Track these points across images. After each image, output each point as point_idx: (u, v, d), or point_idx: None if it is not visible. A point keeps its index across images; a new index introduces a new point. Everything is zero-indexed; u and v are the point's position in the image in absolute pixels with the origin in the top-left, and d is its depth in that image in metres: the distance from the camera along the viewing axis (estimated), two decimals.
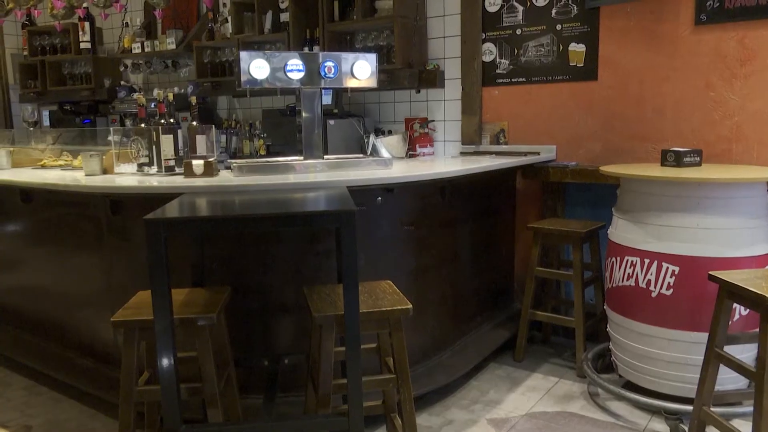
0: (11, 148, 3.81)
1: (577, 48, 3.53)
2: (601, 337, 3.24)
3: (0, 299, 3.63)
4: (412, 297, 2.20)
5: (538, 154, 3.64)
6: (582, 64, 3.53)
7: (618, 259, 2.77)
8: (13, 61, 6.63)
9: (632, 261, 2.68)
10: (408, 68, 3.88)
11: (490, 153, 3.81)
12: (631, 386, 2.80)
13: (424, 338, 2.99)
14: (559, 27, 3.58)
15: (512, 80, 3.79)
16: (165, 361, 1.83)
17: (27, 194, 3.11)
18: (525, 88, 3.76)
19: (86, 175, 2.90)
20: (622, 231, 2.77)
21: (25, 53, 6.21)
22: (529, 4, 3.66)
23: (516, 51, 3.75)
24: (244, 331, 2.58)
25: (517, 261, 3.86)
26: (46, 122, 5.98)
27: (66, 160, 3.57)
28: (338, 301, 2.07)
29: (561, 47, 3.59)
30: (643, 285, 2.64)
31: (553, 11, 3.59)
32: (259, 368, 2.54)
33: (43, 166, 3.58)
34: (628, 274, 2.70)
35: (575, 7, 3.51)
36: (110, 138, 3.16)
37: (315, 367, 2.14)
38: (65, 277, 3.13)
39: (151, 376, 2.22)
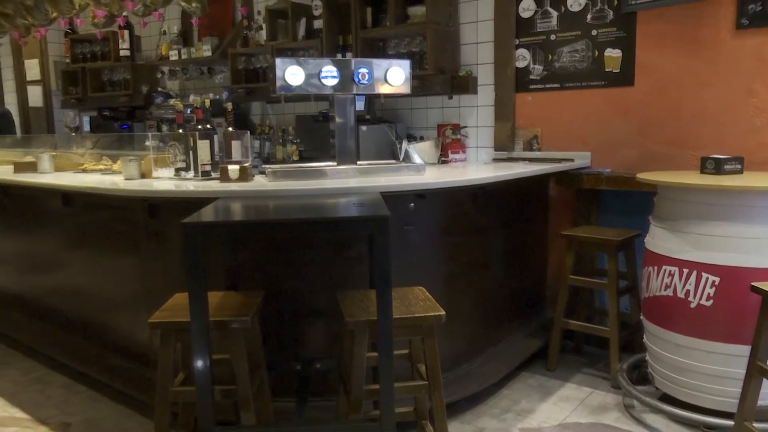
0: (54, 153, 3.92)
1: (613, 53, 3.48)
2: (636, 348, 3.18)
3: (41, 299, 3.73)
4: (444, 303, 2.19)
5: (572, 160, 3.60)
6: (618, 70, 3.48)
7: (655, 268, 2.72)
8: (55, 68, 6.83)
9: (670, 270, 2.63)
10: (440, 74, 3.88)
11: (523, 159, 3.78)
12: (667, 399, 2.74)
13: (455, 345, 2.98)
14: (594, 32, 3.54)
15: (546, 86, 3.76)
16: (200, 363, 1.85)
17: (68, 197, 3.19)
18: (559, 94, 3.72)
19: (125, 179, 2.97)
20: (659, 240, 2.72)
21: (67, 60, 6.40)
22: (563, 9, 3.63)
23: (550, 57, 3.72)
24: (276, 334, 2.60)
25: (550, 269, 3.82)
26: (87, 127, 6.14)
27: (106, 165, 3.66)
28: (371, 306, 2.07)
29: (596, 53, 3.54)
30: (681, 295, 2.58)
31: (589, 16, 3.55)
32: (291, 372, 2.56)
33: (84, 170, 3.67)
34: (666, 283, 2.65)
35: (611, 12, 3.47)
36: (148, 143, 3.23)
37: (347, 372, 2.14)
38: (103, 279, 3.20)
39: (186, 377, 2.26)
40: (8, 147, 5.08)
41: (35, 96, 7.10)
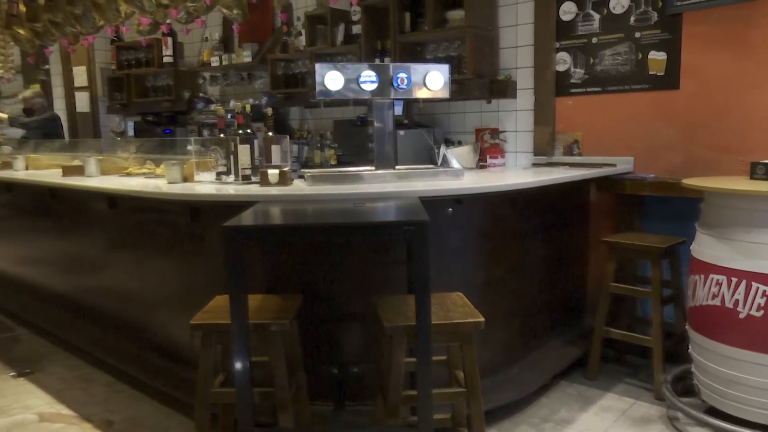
0: (100, 157, 4.03)
1: (658, 56, 3.41)
2: (681, 359, 3.08)
3: (86, 299, 3.84)
4: (482, 309, 2.17)
5: (614, 165, 3.52)
6: (662, 73, 3.39)
7: (702, 277, 2.64)
8: (102, 75, 7.04)
9: (718, 279, 2.54)
10: (479, 78, 3.85)
11: (563, 164, 3.72)
12: (714, 412, 2.65)
13: (493, 352, 2.94)
14: (637, 35, 3.46)
15: (587, 90, 3.70)
16: (240, 365, 1.87)
17: (113, 200, 3.28)
18: (600, 98, 3.65)
19: (168, 182, 3.03)
20: (706, 247, 2.64)
21: (113, 67, 6.58)
22: (605, 11, 3.57)
23: (591, 60, 3.66)
24: (314, 338, 2.61)
25: (590, 276, 3.74)
26: (131, 132, 6.31)
27: (149, 169, 3.74)
28: (409, 311, 2.07)
29: (640, 55, 3.47)
30: (729, 305, 2.50)
31: (632, 19, 3.48)
32: (329, 376, 2.57)
33: (128, 174, 3.76)
34: (713, 293, 2.56)
35: (655, 14, 3.39)
36: (190, 147, 3.29)
37: (384, 377, 2.14)
38: (145, 280, 3.27)
39: (225, 378, 2.28)
40: (57, 151, 5.25)
41: (82, 102, 7.32)
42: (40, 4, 4.39)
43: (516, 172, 3.61)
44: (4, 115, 6.13)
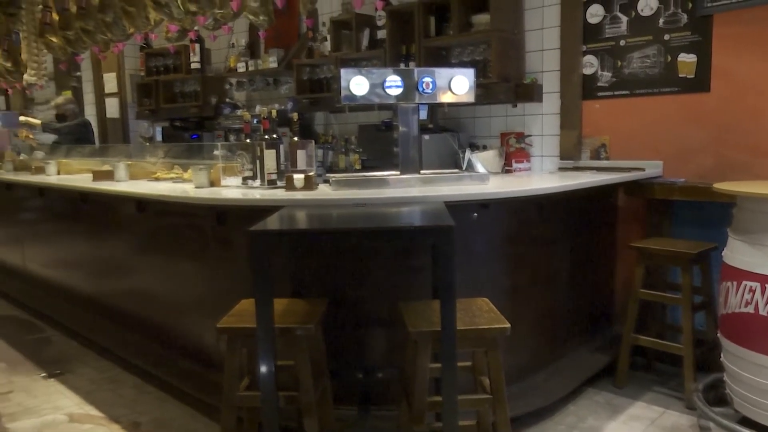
0: (129, 162, 4.10)
1: (687, 58, 3.35)
2: (712, 367, 3.01)
3: (114, 301, 3.90)
4: (508, 315, 2.15)
5: (643, 170, 3.47)
6: (692, 75, 3.33)
7: (734, 283, 2.57)
8: (131, 81, 7.17)
9: (751, 286, 2.48)
10: (504, 82, 3.83)
11: (591, 168, 3.67)
12: (747, 422, 2.58)
13: (519, 358, 2.91)
14: (666, 37, 3.41)
15: (614, 93, 3.65)
16: (265, 369, 1.88)
17: (142, 204, 3.33)
18: (628, 101, 3.60)
19: (195, 187, 3.07)
20: (739, 253, 2.57)
21: (142, 74, 6.70)
22: (633, 14, 3.52)
23: (619, 63, 3.61)
24: (339, 342, 2.61)
25: (618, 282, 3.68)
26: (159, 137, 6.41)
27: (177, 173, 3.79)
28: (434, 317, 2.05)
29: (669, 58, 3.41)
30: (763, 313, 2.44)
31: (661, 21, 3.42)
32: (353, 380, 2.56)
33: (157, 179, 3.82)
34: (747, 300, 2.50)
35: (685, 16, 3.33)
36: (216, 152, 3.33)
37: (409, 382, 2.13)
38: (173, 284, 3.31)
39: (251, 382, 2.30)
40: (87, 156, 5.36)
41: (112, 107, 7.47)
42: (73, 12, 4.49)
43: (542, 177, 3.57)
44: (38, 121, 6.28)
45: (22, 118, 6.19)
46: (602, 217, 3.59)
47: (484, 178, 2.87)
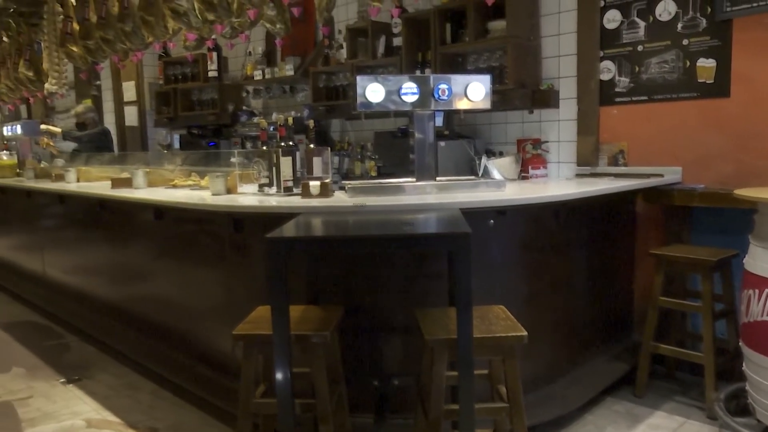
0: (147, 169, 4.14)
1: (707, 63, 3.31)
2: (734, 376, 2.96)
3: (132, 307, 3.93)
4: (525, 322, 2.13)
5: (662, 176, 3.43)
6: (712, 81, 3.30)
7: (756, 291, 2.53)
8: (150, 90, 7.25)
9: None
10: (521, 88, 3.81)
11: (608, 175, 3.64)
12: None
13: (536, 366, 2.88)
14: (685, 42, 3.37)
15: (632, 99, 3.62)
16: (281, 376, 1.88)
17: (160, 212, 3.36)
18: (646, 107, 3.57)
19: (212, 194, 3.09)
20: (761, 260, 2.53)
21: (161, 82, 6.77)
22: (651, 19, 3.49)
23: (637, 68, 3.58)
24: (355, 350, 2.61)
25: (637, 289, 3.64)
26: (177, 145, 6.47)
27: (194, 180, 3.82)
28: (450, 324, 2.04)
29: (688, 63, 3.38)
30: None
31: (679, 25, 3.39)
32: (369, 388, 2.56)
33: (174, 186, 3.86)
34: None
35: (704, 21, 3.30)
36: (233, 159, 3.35)
37: (425, 390, 2.11)
38: (190, 290, 3.33)
39: (267, 388, 2.30)
40: (106, 164, 5.42)
41: (131, 116, 7.56)
42: (93, 22, 4.55)
43: (559, 183, 3.55)
44: (58, 129, 6.37)
45: (43, 126, 6.28)
46: (621, 224, 3.55)
47: (501, 185, 2.86)
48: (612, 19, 3.64)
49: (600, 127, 3.76)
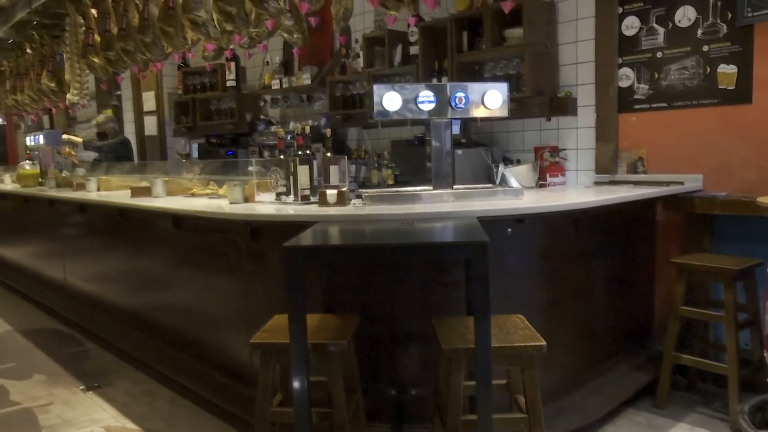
0: (166, 178, 4.18)
1: (728, 69, 3.27)
2: (759, 388, 2.90)
3: (151, 315, 3.96)
4: (543, 332, 2.11)
5: (682, 183, 3.39)
6: (733, 87, 3.25)
7: None
8: (169, 99, 7.34)
9: None
10: (538, 96, 3.79)
11: (628, 182, 3.60)
12: None
13: (555, 376, 2.85)
14: (705, 48, 3.34)
15: (652, 106, 3.58)
16: (298, 385, 1.88)
17: (178, 220, 3.38)
18: (666, 114, 3.53)
19: (230, 203, 3.11)
20: None
21: (180, 92, 6.85)
22: (671, 25, 3.46)
23: (656, 75, 3.54)
24: (372, 359, 2.60)
25: (658, 299, 3.59)
26: (195, 154, 6.53)
27: (212, 189, 3.85)
28: (468, 334, 2.03)
29: (708, 69, 3.34)
30: None
31: (699, 32, 3.35)
32: (386, 397, 2.54)
33: (192, 195, 3.88)
34: None
35: (724, 27, 3.26)
36: (251, 168, 3.37)
37: (443, 400, 2.10)
38: (207, 298, 3.35)
39: (284, 397, 2.30)
40: (126, 173, 5.49)
41: (151, 125, 7.65)
42: (114, 33, 4.62)
43: (578, 191, 3.52)
44: (79, 139, 6.47)
45: (65, 136, 6.38)
46: (640, 232, 3.51)
47: (518, 193, 2.84)
48: (630, 25, 3.62)
49: (619, 134, 3.73)
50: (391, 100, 2.76)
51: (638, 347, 3.48)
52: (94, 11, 5.06)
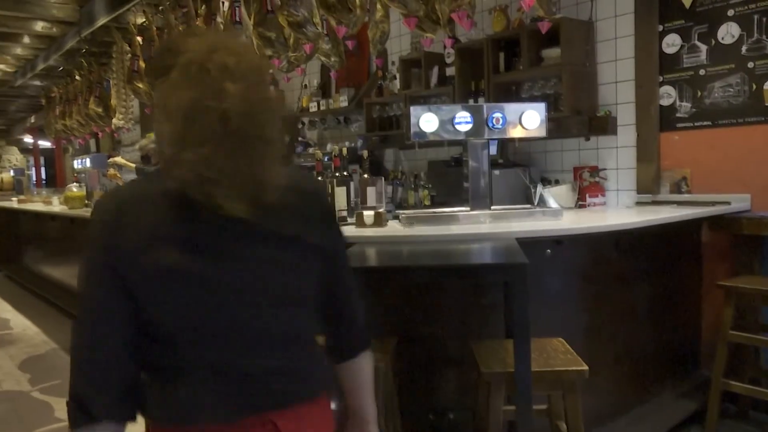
0: None
1: None
2: None
3: None
4: (585, 356, 2.06)
5: (729, 203, 3.29)
6: None
7: None
8: None
9: None
10: (577, 115, 3.75)
11: (671, 203, 3.51)
12: None
13: (598, 402, 2.77)
14: (750, 65, 3.26)
15: (695, 124, 3.50)
16: (336, 408, 1.87)
17: None
18: (710, 132, 3.44)
19: None
20: None
21: None
22: (713, 42, 3.39)
23: (699, 93, 3.47)
24: (409, 381, 2.57)
25: (705, 323, 3.47)
26: None
27: None
28: (507, 357, 1.99)
29: (754, 86, 3.25)
30: None
31: (743, 48, 3.28)
32: (424, 421, 2.51)
33: None
34: None
35: None
36: None
37: (482, 425, 2.06)
38: None
39: None
40: None
41: None
42: None
43: (619, 212, 3.45)
44: (123, 161, 6.66)
45: (110, 159, 6.59)
46: (685, 254, 3.41)
47: (558, 214, 2.80)
48: (671, 43, 3.56)
49: (661, 153, 3.65)
50: (427, 121, 2.77)
51: (684, 373, 3.36)
52: (139, 39, 5.25)
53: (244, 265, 1.06)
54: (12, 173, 14.09)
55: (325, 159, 3.79)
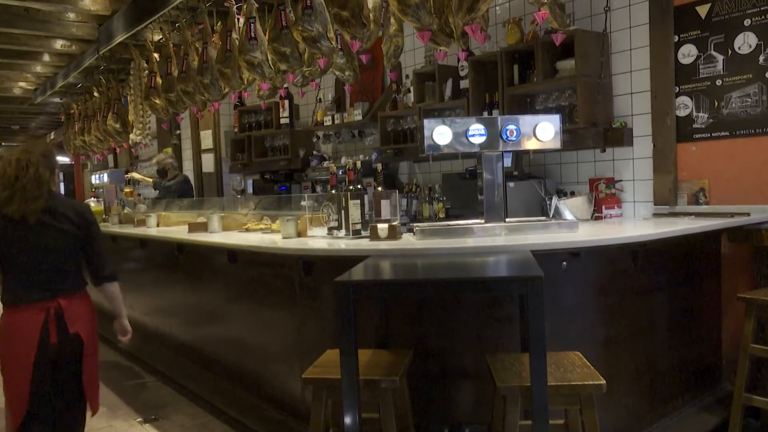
0: (222, 214, 4.29)
1: None
2: None
3: (207, 349, 4.02)
4: (603, 370, 2.03)
5: (748, 214, 3.24)
6: None
7: None
8: (225, 138, 7.58)
9: None
10: (592, 127, 3.73)
11: (689, 214, 3.47)
12: None
13: (616, 417, 2.72)
14: None
15: (712, 135, 3.47)
16: (350, 421, 1.86)
17: (233, 255, 3.45)
18: (728, 143, 3.40)
19: (283, 237, 3.15)
20: None
21: (236, 130, 7.07)
22: (730, 52, 3.36)
23: (716, 103, 3.44)
24: (424, 395, 2.55)
25: (725, 336, 3.41)
26: (250, 190, 6.68)
27: (266, 224, 3.92)
28: (523, 371, 1.97)
29: None
30: None
31: (761, 58, 3.25)
32: None
33: (247, 230, 3.97)
34: None
35: None
36: (303, 203, 3.42)
37: None
38: (261, 332, 3.38)
39: None
40: (185, 209, 5.66)
41: (208, 163, 7.91)
42: (175, 76, 4.84)
43: (636, 224, 3.41)
44: (141, 176, 6.73)
45: (127, 175, 6.66)
46: (704, 266, 3.36)
47: (573, 226, 2.78)
48: (687, 54, 3.54)
49: (678, 164, 3.61)
50: (441, 133, 2.77)
51: (705, 387, 3.30)
52: (156, 55, 5.32)
53: (35, 236, 2.46)
54: None
55: (340, 172, 3.81)
